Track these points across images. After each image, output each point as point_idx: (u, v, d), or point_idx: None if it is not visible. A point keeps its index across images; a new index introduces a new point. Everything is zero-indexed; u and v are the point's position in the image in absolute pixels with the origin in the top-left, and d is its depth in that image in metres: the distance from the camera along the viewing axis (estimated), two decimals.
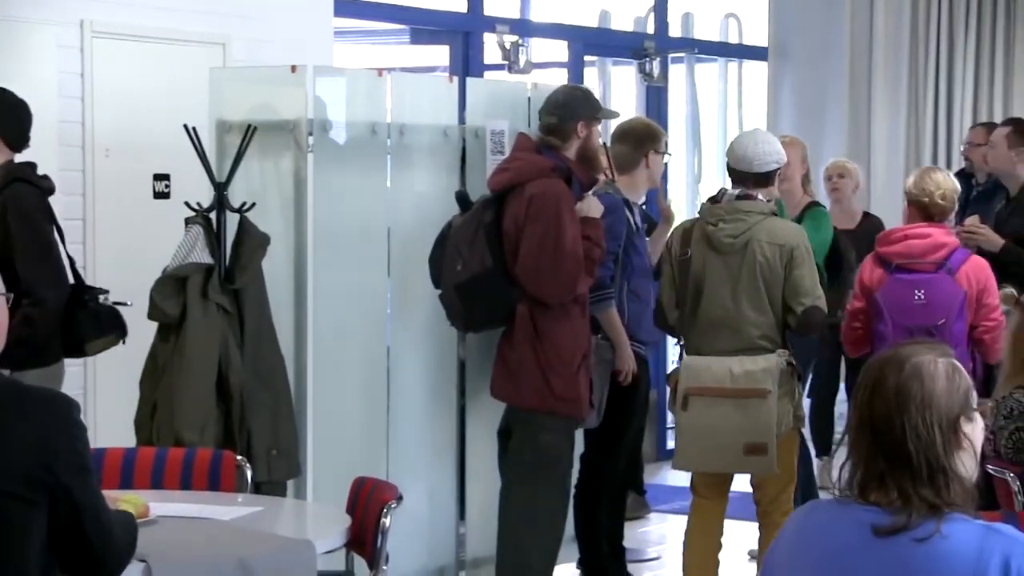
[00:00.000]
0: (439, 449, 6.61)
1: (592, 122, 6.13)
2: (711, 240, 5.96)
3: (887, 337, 5.97)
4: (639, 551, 7.71)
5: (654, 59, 10.28)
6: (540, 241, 5.85)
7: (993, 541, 2.66)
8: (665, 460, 10.45)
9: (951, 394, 2.75)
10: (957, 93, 10.36)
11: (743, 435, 5.80)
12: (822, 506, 2.93)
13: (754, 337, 5.89)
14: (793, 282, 5.86)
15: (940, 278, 6.05)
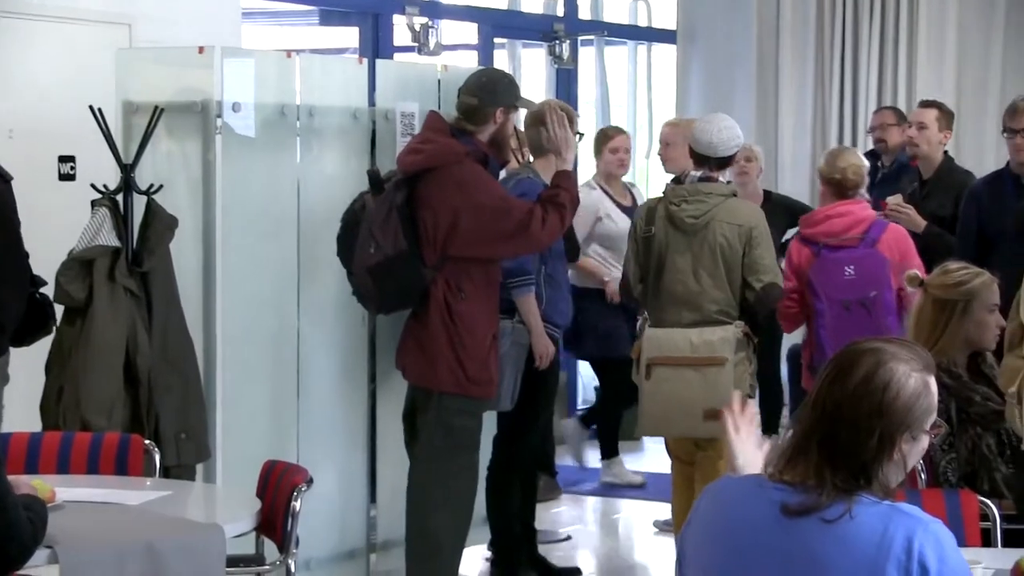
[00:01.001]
0: (350, 432, 6.60)
1: (511, 110, 6.13)
2: (674, 219, 6.28)
3: (824, 313, 6.43)
4: (550, 532, 7.74)
5: (563, 41, 10.30)
6: (486, 213, 5.88)
7: (897, 521, 2.69)
8: None
9: (908, 411, 2.75)
10: (862, 76, 10.46)
11: (702, 401, 6.06)
12: (734, 483, 2.95)
13: (712, 312, 6.23)
14: (752, 260, 6.21)
15: (866, 253, 6.51)
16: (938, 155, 7.91)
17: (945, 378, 5.01)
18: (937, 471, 4.97)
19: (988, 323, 5.08)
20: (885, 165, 8.96)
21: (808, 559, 2.73)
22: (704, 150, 6.36)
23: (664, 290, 6.33)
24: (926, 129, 7.88)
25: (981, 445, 4.99)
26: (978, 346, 5.11)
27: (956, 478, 4.96)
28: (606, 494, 8.90)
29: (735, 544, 2.82)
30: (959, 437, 4.99)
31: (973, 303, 5.06)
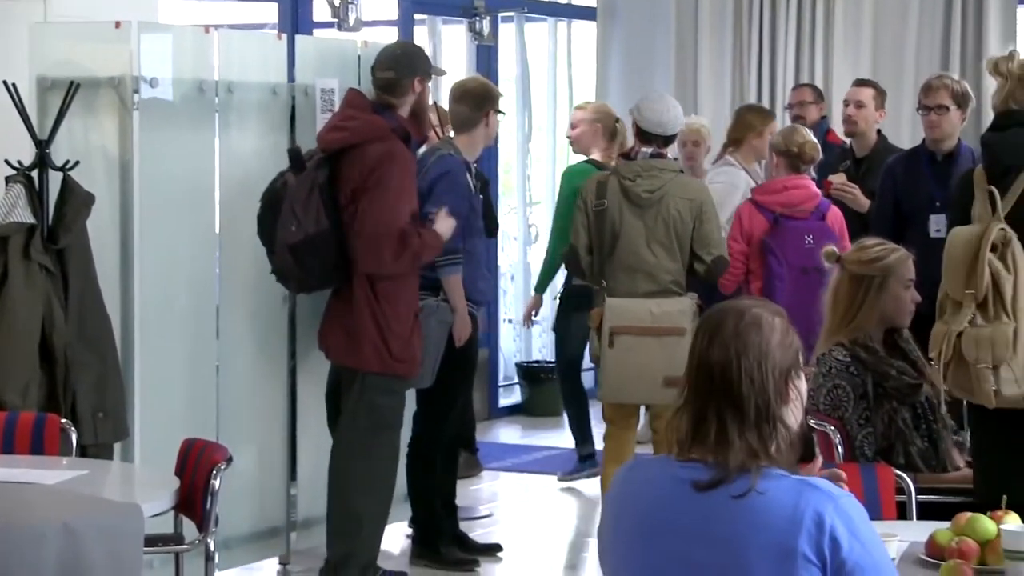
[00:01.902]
0: (270, 410, 6.58)
1: (426, 78, 6.16)
2: (629, 194, 6.54)
3: (784, 277, 6.94)
4: (471, 509, 7.76)
5: (484, 18, 10.28)
6: (379, 205, 5.87)
7: (808, 496, 2.72)
8: (497, 419, 10.54)
9: (785, 348, 2.82)
10: (780, 54, 10.51)
11: (662, 369, 6.31)
12: (644, 463, 2.98)
13: (666, 282, 6.54)
14: (703, 234, 6.54)
15: (822, 225, 7.02)
16: (873, 134, 7.98)
17: (862, 353, 5.06)
18: (854, 445, 5.02)
19: (904, 298, 5.13)
20: None
21: (720, 536, 2.75)
22: (653, 128, 6.62)
23: (617, 261, 6.57)
24: (864, 107, 7.96)
25: (897, 419, 5.05)
26: (894, 321, 5.16)
27: (872, 452, 5.01)
28: (526, 470, 8.92)
29: (648, 525, 2.83)
30: (875, 411, 5.04)
31: (889, 279, 5.10)
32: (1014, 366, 4.32)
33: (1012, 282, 4.31)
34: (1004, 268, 4.33)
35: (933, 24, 10.17)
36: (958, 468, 5.13)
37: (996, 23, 9.96)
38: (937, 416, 5.13)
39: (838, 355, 5.07)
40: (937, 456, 5.10)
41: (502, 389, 11.00)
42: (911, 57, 10.18)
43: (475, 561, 6.85)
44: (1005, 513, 3.69)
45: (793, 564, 2.68)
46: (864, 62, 10.24)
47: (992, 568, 3.52)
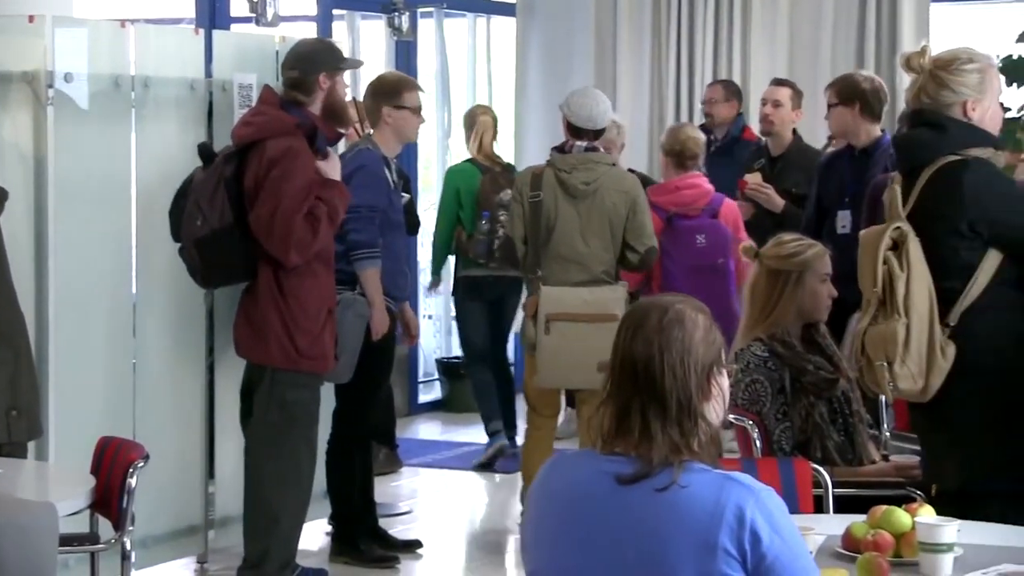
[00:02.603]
0: (187, 407, 6.53)
1: (335, 73, 6.13)
2: (565, 186, 6.72)
3: (677, 276, 7.16)
4: (390, 505, 7.75)
5: (403, 13, 10.25)
6: (266, 200, 5.84)
7: (729, 490, 2.74)
8: (417, 414, 10.53)
9: (708, 345, 2.84)
10: (698, 51, 10.55)
11: (596, 354, 6.11)
12: (567, 457, 2.98)
13: (599, 272, 6.71)
14: (637, 225, 6.72)
15: (711, 223, 7.28)
16: (789, 133, 8.05)
17: (779, 348, 5.09)
18: (771, 440, 5.06)
19: (820, 293, 5.17)
20: (717, 139, 9.07)
21: (643, 530, 2.76)
22: (583, 123, 6.81)
23: (552, 251, 6.72)
24: (781, 107, 8.03)
25: (814, 414, 5.08)
26: (811, 316, 5.20)
27: (790, 447, 5.04)
28: (446, 466, 8.92)
29: (572, 519, 2.84)
30: (793, 406, 5.07)
31: (806, 274, 5.14)
32: (908, 362, 4.37)
33: (904, 280, 4.36)
34: (898, 266, 4.38)
35: (848, 22, 10.25)
36: (874, 462, 5.17)
37: (910, 21, 10.05)
38: (853, 410, 5.18)
39: (756, 350, 5.10)
40: (853, 450, 5.15)
41: (422, 385, 10.99)
42: (827, 55, 10.26)
43: (395, 558, 6.84)
44: (920, 505, 3.74)
45: (714, 557, 2.70)
46: (781, 60, 10.31)
47: (907, 560, 3.56)
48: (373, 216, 6.44)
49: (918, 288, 4.37)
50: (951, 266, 4.40)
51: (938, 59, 4.50)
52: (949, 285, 4.39)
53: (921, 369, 4.37)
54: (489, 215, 8.50)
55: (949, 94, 4.46)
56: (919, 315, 4.36)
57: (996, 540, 3.78)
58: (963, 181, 4.37)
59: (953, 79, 4.46)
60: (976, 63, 4.48)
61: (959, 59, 4.48)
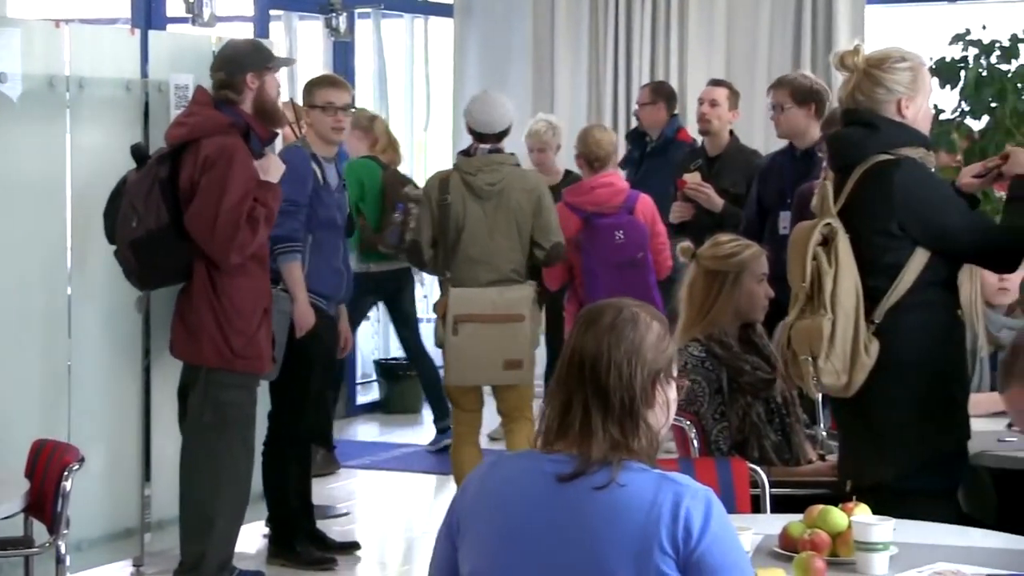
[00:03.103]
0: (123, 409, 6.49)
1: (263, 72, 6.11)
2: (472, 188, 6.84)
3: (597, 273, 7.38)
4: (328, 507, 7.72)
5: (340, 14, 10.24)
6: (205, 199, 5.82)
7: (667, 489, 2.74)
8: (355, 416, 10.50)
9: (659, 352, 2.84)
10: (635, 53, 10.59)
11: (504, 353, 6.79)
12: (506, 459, 2.98)
13: (508, 271, 6.85)
14: (543, 222, 6.88)
15: (629, 219, 7.47)
16: (726, 133, 8.07)
17: (717, 348, 5.11)
18: (709, 440, 5.07)
19: (757, 293, 5.19)
20: (652, 140, 9.09)
21: (582, 528, 2.76)
22: (483, 128, 6.95)
23: (462, 252, 6.84)
24: (718, 106, 8.04)
25: (751, 414, 5.10)
26: (748, 316, 5.22)
27: (727, 447, 5.06)
28: (384, 467, 8.90)
29: (510, 519, 2.84)
30: (730, 406, 5.10)
31: (743, 274, 5.16)
32: (833, 358, 4.40)
33: (832, 276, 4.40)
34: (827, 262, 4.42)
35: (784, 23, 10.32)
36: (811, 461, 5.20)
37: (845, 22, 10.13)
38: (790, 410, 5.21)
39: (694, 350, 5.12)
40: (790, 450, 5.17)
41: (360, 386, 10.96)
42: (764, 56, 10.33)
43: (332, 560, 6.82)
44: (855, 505, 3.76)
45: (650, 556, 2.70)
46: (718, 61, 10.37)
47: (843, 559, 3.58)
48: (293, 211, 6.41)
49: (845, 285, 4.40)
50: (878, 264, 4.44)
51: (871, 57, 4.54)
52: (875, 283, 4.43)
53: (845, 365, 4.41)
54: (403, 207, 8.58)
55: (883, 91, 4.50)
56: (845, 311, 4.39)
57: (931, 539, 3.81)
58: (894, 181, 4.41)
59: (887, 76, 4.49)
60: (908, 61, 4.52)
61: (892, 57, 4.52)
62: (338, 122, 6.75)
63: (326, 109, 6.73)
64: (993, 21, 7.91)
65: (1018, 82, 7.49)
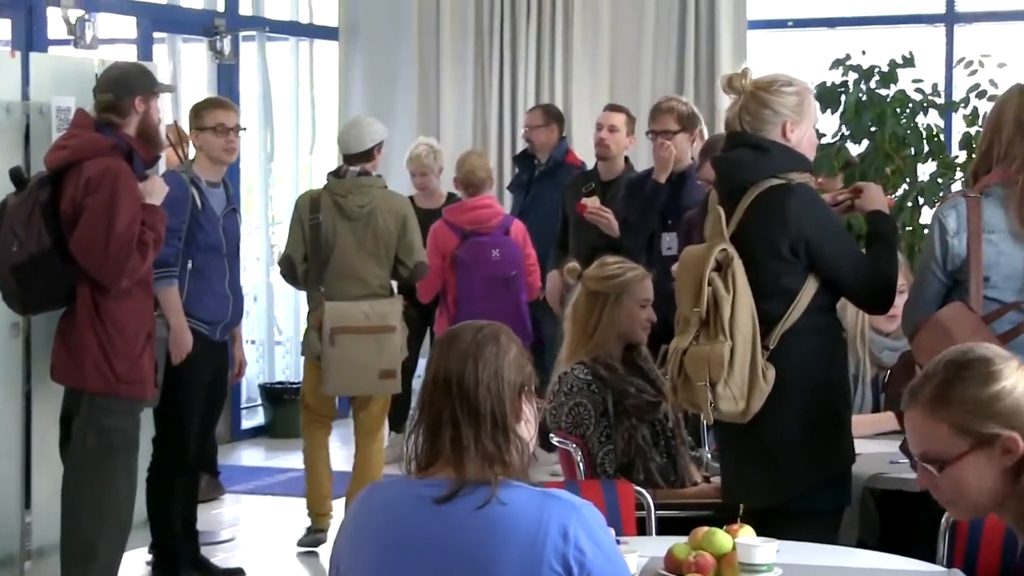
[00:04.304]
0: (3, 435, 6.40)
1: (149, 96, 6.07)
2: (342, 209, 7.15)
3: (473, 286, 7.87)
4: (212, 533, 7.66)
5: (225, 37, 10.18)
6: (93, 222, 5.76)
7: (552, 507, 2.75)
8: (240, 440, 10.42)
9: (519, 368, 2.87)
10: (520, 76, 10.62)
11: (379, 363, 7.11)
12: (383, 485, 2.96)
13: (376, 286, 7.21)
14: (406, 243, 7.21)
15: (507, 239, 8.00)
16: (622, 159, 8.11)
17: (602, 371, 5.14)
18: (595, 462, 5.09)
19: (637, 316, 5.22)
20: (541, 163, 9.13)
21: (467, 549, 2.75)
22: (344, 149, 7.37)
23: (333, 269, 7.15)
24: (616, 132, 8.07)
25: (637, 436, 5.13)
26: (630, 339, 5.25)
27: (613, 469, 5.08)
28: (269, 492, 8.84)
29: (391, 545, 2.82)
30: (616, 429, 5.12)
31: (623, 296, 5.20)
32: (732, 384, 4.42)
33: (730, 302, 4.41)
34: (724, 288, 4.43)
35: (668, 47, 10.41)
36: (696, 483, 5.24)
37: (728, 47, 10.24)
38: (675, 432, 5.24)
39: (579, 373, 5.14)
40: (676, 472, 5.21)
41: (244, 411, 10.88)
42: (647, 80, 10.40)
43: None
44: (740, 527, 3.79)
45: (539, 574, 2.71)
46: (602, 85, 10.43)
47: None
48: (167, 236, 6.36)
49: (742, 310, 4.42)
50: (773, 289, 4.47)
51: (759, 81, 4.58)
52: (770, 307, 4.46)
53: (743, 391, 4.43)
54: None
55: (769, 113, 4.53)
56: (743, 337, 4.41)
57: (814, 560, 3.85)
58: (786, 206, 4.44)
59: (774, 99, 4.53)
60: (795, 86, 4.57)
61: (779, 81, 4.57)
62: (230, 143, 6.74)
63: (217, 130, 6.71)
64: (872, 46, 8.03)
65: (897, 107, 7.61)
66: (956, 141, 7.88)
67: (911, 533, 4.62)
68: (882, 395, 5.62)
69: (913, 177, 7.56)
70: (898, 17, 10.42)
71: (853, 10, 10.58)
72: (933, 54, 9.87)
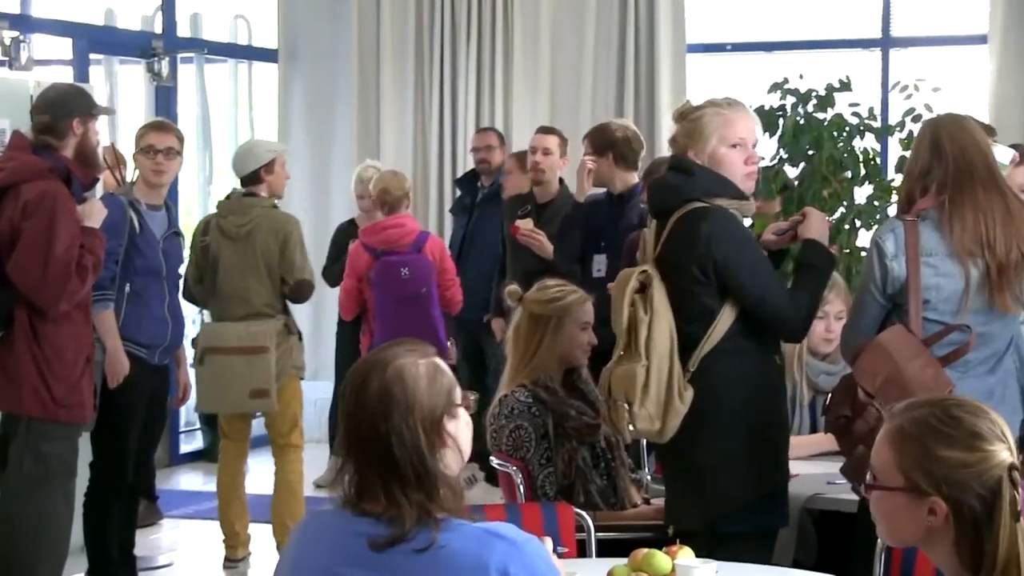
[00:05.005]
0: None
1: (88, 119, 6.04)
2: (223, 229, 7.24)
3: (386, 304, 8.01)
4: (150, 558, 7.60)
5: (162, 59, 10.13)
6: (32, 245, 5.72)
7: (492, 545, 2.72)
8: (179, 465, 10.35)
9: (433, 395, 2.80)
10: (461, 98, 10.63)
11: (249, 383, 7.13)
12: (322, 516, 2.91)
13: (259, 305, 7.22)
14: (287, 261, 7.21)
15: (416, 257, 8.05)
16: (556, 181, 8.14)
17: (543, 394, 5.14)
18: (535, 485, 5.09)
19: (579, 339, 5.24)
20: (485, 186, 9.14)
21: None
22: (238, 173, 7.37)
23: (219, 289, 7.27)
24: (550, 154, 8.11)
25: (577, 458, 5.13)
26: (570, 362, 5.26)
27: (553, 491, 5.08)
28: (208, 517, 8.78)
29: None
30: (556, 451, 5.12)
31: (565, 319, 5.21)
32: (648, 404, 4.47)
33: (647, 323, 4.48)
34: (642, 309, 4.49)
35: (608, 70, 10.44)
36: (636, 505, 5.25)
37: (667, 70, 10.28)
38: (615, 455, 5.25)
39: (520, 396, 5.14)
40: (616, 494, 5.22)
41: (183, 435, 10.81)
42: (587, 102, 10.43)
43: None
44: (679, 548, 3.80)
45: None
46: (542, 107, 10.45)
47: None
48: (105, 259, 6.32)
49: (659, 331, 4.48)
50: (694, 311, 4.53)
51: (682, 107, 4.72)
52: (691, 329, 4.52)
53: (659, 411, 4.48)
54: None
55: (681, 140, 4.65)
56: (659, 357, 4.47)
57: None
58: (699, 229, 4.52)
59: (680, 126, 4.66)
60: (698, 112, 4.66)
61: (690, 107, 4.68)
62: (157, 165, 6.72)
63: (147, 152, 6.71)
64: (810, 70, 8.09)
65: (834, 130, 7.66)
66: (892, 164, 7.95)
67: (848, 554, 4.64)
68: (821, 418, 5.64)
69: (850, 200, 7.61)
70: (835, 41, 10.51)
71: (791, 35, 10.65)
72: (869, 78, 9.96)
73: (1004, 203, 4.48)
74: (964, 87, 9.74)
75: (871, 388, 4.32)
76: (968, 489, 2.54)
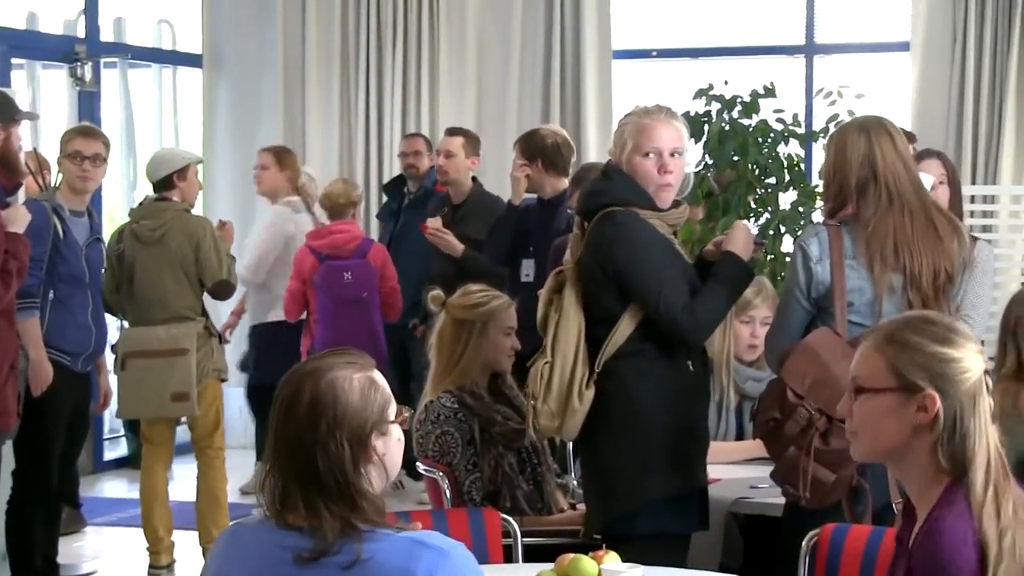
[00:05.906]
0: None
1: (10, 123, 6.00)
2: (136, 234, 7.16)
3: (328, 307, 8.23)
4: (74, 566, 7.55)
5: (86, 63, 10.05)
6: None
7: (419, 555, 2.71)
8: (103, 472, 10.28)
9: (364, 411, 2.78)
10: (387, 103, 10.61)
11: (170, 386, 7.08)
12: (246, 527, 2.88)
13: (180, 308, 7.15)
14: (202, 264, 7.16)
15: (361, 262, 8.29)
16: (467, 181, 8.16)
17: (468, 399, 5.14)
18: (462, 491, 5.09)
19: (503, 344, 5.25)
20: (411, 191, 9.13)
21: None
22: (149, 179, 7.32)
23: (137, 295, 7.17)
24: (454, 157, 8.13)
25: (503, 464, 5.14)
26: (494, 367, 5.27)
27: (480, 497, 5.08)
28: (132, 524, 8.71)
29: None
30: (482, 457, 5.12)
31: (490, 324, 5.22)
32: (549, 401, 4.57)
33: (555, 322, 4.59)
34: (553, 309, 4.60)
35: (534, 75, 10.46)
36: (562, 510, 5.26)
37: (593, 76, 10.31)
38: (541, 460, 5.26)
39: (446, 401, 5.14)
40: (542, 499, 5.22)
41: (107, 442, 10.73)
42: (514, 107, 10.45)
43: None
44: (605, 553, 3.81)
45: None
46: (469, 111, 10.45)
47: None
48: (31, 266, 6.27)
49: (565, 331, 4.59)
50: (600, 313, 4.63)
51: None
52: (598, 331, 4.60)
53: (559, 409, 4.59)
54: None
55: (612, 146, 4.78)
56: (563, 357, 4.57)
57: None
58: (603, 232, 4.59)
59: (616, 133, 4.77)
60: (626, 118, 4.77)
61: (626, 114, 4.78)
62: (84, 171, 6.68)
63: (73, 158, 6.66)
64: (735, 77, 8.14)
65: (759, 136, 7.72)
66: (816, 170, 8.01)
67: (773, 557, 4.66)
68: (748, 424, 5.67)
69: (775, 206, 7.66)
70: (759, 48, 10.57)
71: (716, 41, 10.71)
72: (794, 85, 10.03)
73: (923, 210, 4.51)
74: (887, 94, 9.83)
75: (800, 390, 4.36)
76: (955, 384, 2.73)
